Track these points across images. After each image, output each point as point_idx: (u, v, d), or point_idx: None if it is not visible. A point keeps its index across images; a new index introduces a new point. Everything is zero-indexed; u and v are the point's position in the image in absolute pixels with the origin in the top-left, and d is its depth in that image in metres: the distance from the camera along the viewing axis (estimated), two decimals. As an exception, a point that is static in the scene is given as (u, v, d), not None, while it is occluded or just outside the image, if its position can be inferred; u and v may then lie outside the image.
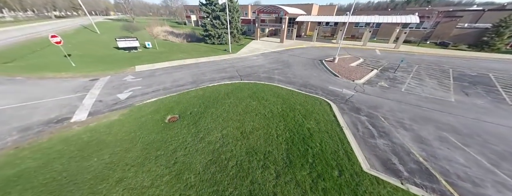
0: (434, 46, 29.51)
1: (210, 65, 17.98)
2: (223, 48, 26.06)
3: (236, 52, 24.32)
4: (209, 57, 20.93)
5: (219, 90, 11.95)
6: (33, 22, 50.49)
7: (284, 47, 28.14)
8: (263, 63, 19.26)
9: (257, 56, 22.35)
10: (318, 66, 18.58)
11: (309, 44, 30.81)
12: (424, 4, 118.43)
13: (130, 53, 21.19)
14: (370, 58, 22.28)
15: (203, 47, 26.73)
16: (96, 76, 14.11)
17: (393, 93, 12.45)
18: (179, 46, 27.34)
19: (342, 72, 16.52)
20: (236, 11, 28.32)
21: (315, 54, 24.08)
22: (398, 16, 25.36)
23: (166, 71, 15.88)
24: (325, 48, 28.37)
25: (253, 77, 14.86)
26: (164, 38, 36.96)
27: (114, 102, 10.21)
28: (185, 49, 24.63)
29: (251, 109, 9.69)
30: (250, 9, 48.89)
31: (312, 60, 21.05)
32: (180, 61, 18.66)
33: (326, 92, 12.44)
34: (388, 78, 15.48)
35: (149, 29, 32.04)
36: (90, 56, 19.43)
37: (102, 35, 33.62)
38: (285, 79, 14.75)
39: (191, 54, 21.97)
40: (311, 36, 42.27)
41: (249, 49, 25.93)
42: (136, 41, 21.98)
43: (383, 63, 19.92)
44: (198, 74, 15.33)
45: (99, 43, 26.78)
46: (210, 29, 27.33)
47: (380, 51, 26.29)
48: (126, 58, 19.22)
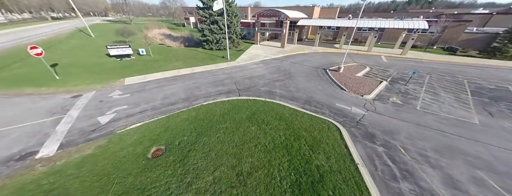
0: (441, 52, 28.15)
1: (207, 76, 16.64)
2: (221, 54, 24.72)
3: (235, 59, 22.98)
4: (205, 66, 19.58)
5: (214, 110, 10.62)
6: (28, 24, 49.16)
7: (285, 52, 26.80)
8: (263, 73, 17.92)
9: (257, 64, 21.00)
10: (322, 77, 17.23)
11: (311, 49, 29.46)
12: (425, 5, 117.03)
13: (122, 62, 19.84)
14: (376, 66, 20.93)
15: (201, 53, 25.39)
16: (80, 91, 12.78)
17: (408, 112, 11.12)
18: (175, 52, 25.99)
19: (349, 85, 15.19)
20: (235, 15, 26.95)
21: (318, 61, 22.73)
22: (405, 21, 23.99)
23: (158, 84, 14.53)
24: (328, 53, 27.02)
25: (253, 92, 13.52)
26: (161, 42, 35.66)
27: (93, 128, 8.87)
28: (181, 56, 23.28)
29: (249, 137, 8.36)
30: (250, 12, 47.53)
31: (315, 69, 19.70)
32: (175, 71, 17.31)
33: (333, 111, 11.11)
34: (399, 91, 14.14)
35: (146, 32, 30.79)
36: (78, 65, 18.08)
37: (97, 39, 32.27)
38: (287, 93, 13.42)
39: (187, 62, 20.62)
40: (313, 39, 40.96)
41: (248, 56, 24.59)
42: (128, 48, 20.63)
43: (392, 73, 18.58)
44: (192, 88, 13.98)
45: (91, 49, 25.43)
46: (208, 34, 25.98)
47: (386, 57, 24.93)
48: (117, 67, 17.88)
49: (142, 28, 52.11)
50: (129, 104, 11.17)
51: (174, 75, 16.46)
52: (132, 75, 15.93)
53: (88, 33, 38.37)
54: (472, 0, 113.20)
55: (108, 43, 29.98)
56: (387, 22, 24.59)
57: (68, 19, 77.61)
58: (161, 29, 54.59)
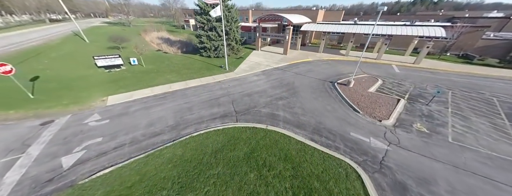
0: (456, 60, 26.00)
1: (201, 93, 14.78)
2: (219, 62, 22.86)
3: (234, 69, 21.10)
4: (201, 78, 17.71)
5: (206, 145, 8.74)
6: (24, 27, 47.74)
7: (288, 60, 24.86)
8: (264, 88, 16.02)
9: (258, 76, 19.10)
10: (330, 93, 15.28)
11: (315, 56, 27.47)
12: (430, 5, 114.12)
13: (111, 74, 18.05)
14: (389, 78, 18.90)
15: (198, 62, 23.54)
16: (53, 115, 11.00)
17: (440, 146, 9.15)
18: (170, 60, 24.17)
19: (362, 104, 13.23)
20: (235, 21, 25.06)
21: (325, 71, 20.75)
22: (419, 28, 21.89)
23: (145, 104, 12.69)
24: (334, 62, 25.00)
25: (252, 115, 11.62)
26: (158, 48, 33.93)
27: (51, 175, 7.04)
28: (176, 66, 21.44)
29: (247, 192, 6.48)
30: (251, 14, 45.59)
31: (322, 81, 17.74)
32: (166, 87, 15.47)
33: (349, 144, 9.18)
34: (422, 114, 12.15)
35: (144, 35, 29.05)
36: (60, 79, 16.32)
37: (90, 45, 30.56)
38: (293, 117, 11.50)
39: (181, 73, 18.77)
40: (316, 44, 38.96)
41: (248, 65, 22.69)
42: (118, 58, 18.85)
43: (408, 87, 16.56)
44: (183, 109, 12.12)
45: (81, 57, 23.70)
46: (206, 41, 24.13)
47: (397, 67, 22.87)
48: (103, 82, 16.08)
49: (140, 31, 50.56)
50: (105, 135, 9.33)
51: (165, 92, 14.61)
52: (117, 92, 14.10)
53: (83, 37, 36.84)
54: (479, 1, 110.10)
55: (102, 49, 28.31)
56: (399, 29, 22.51)
57: (67, 21, 76.33)
58: (159, 32, 52.97)
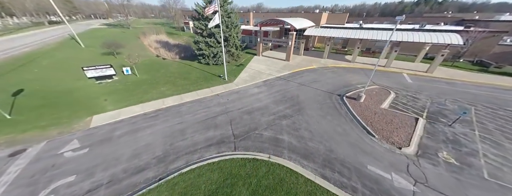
0: (471, 67, 24.27)
1: (197, 110, 13.34)
2: (218, 71, 21.43)
3: (234, 78, 19.65)
4: (198, 91, 16.27)
5: (198, 186, 7.28)
6: (21, 31, 46.68)
7: (291, 68, 23.34)
8: (266, 103, 14.54)
9: (259, 87, 17.62)
10: (340, 109, 13.76)
11: (319, 63, 25.90)
12: (435, 6, 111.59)
13: (101, 86, 16.70)
14: (401, 89, 17.31)
15: (195, 70, 22.11)
16: (28, 141, 9.63)
17: (476, 188, 7.60)
18: (167, 68, 22.77)
19: (377, 125, 11.71)
20: (235, 26, 23.58)
21: (331, 82, 19.21)
22: (433, 34, 20.22)
23: (133, 125, 11.29)
24: (340, 69, 23.41)
25: (253, 140, 10.16)
26: (156, 52, 32.62)
27: (2, 237, 5.71)
28: (172, 75, 20.00)
29: None
30: (252, 17, 44.07)
31: (329, 94, 16.22)
32: (159, 103, 14.06)
33: (367, 183, 7.68)
34: (446, 139, 10.60)
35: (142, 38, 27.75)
36: (46, 93, 14.98)
37: (85, 51, 29.29)
38: (299, 143, 10.02)
39: (176, 85, 17.36)
40: (320, 48, 37.39)
41: (249, 74, 21.21)
42: (110, 68, 17.48)
43: (424, 102, 14.98)
44: (175, 132, 10.70)
45: (73, 65, 22.39)
46: (204, 48, 22.68)
47: (409, 76, 21.23)
48: (91, 96, 14.71)
49: (139, 34, 49.28)
50: (80, 171, 7.93)
51: (157, 109, 13.19)
52: (104, 110, 12.71)
53: (81, 41, 35.69)
54: (485, 0, 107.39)
55: (97, 55, 26.95)
56: (411, 35, 20.87)
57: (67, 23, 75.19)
58: (158, 35, 51.71)
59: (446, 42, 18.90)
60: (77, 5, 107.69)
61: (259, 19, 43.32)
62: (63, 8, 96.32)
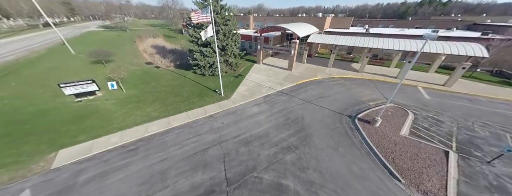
0: (490, 78, 22.08)
1: (185, 138, 11.30)
2: (214, 83, 19.40)
3: (231, 93, 17.61)
4: (189, 112, 14.22)
5: None
6: (12, 35, 44.75)
7: (294, 80, 21.25)
8: (267, 128, 12.48)
9: (259, 105, 15.57)
10: (353, 138, 11.68)
11: (324, 73, 23.79)
12: (439, 7, 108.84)
13: (80, 105, 14.71)
14: (420, 109, 15.19)
15: (189, 83, 20.06)
16: (-33, 192, 7.69)
17: None
18: (158, 80, 20.74)
19: (400, 162, 9.63)
20: (233, 34, 21.52)
21: (339, 97, 17.12)
22: (453, 45, 18.06)
23: (104, 165, 9.24)
24: (347, 81, 21.28)
25: (249, 189, 8.09)
26: (150, 59, 30.64)
27: None
28: (162, 90, 17.96)
29: None
30: (252, 20, 41.97)
31: (338, 116, 14.14)
32: (142, 129, 12.03)
33: None
34: (489, 184, 8.51)
35: (138, 42, 25.69)
36: (13, 116, 12.98)
37: (75, 58, 27.26)
38: (307, 192, 7.99)
39: (166, 103, 15.32)
40: (323, 54, 35.28)
41: (248, 87, 19.15)
42: (92, 84, 15.48)
43: (449, 126, 12.87)
44: (154, 177, 8.65)
45: (57, 76, 20.43)
46: (199, 58, 20.64)
47: (425, 89, 19.07)
48: (64, 121, 12.66)
49: (136, 38, 47.29)
50: None
51: (138, 139, 11.17)
52: (74, 141, 10.68)
53: (72, 47, 33.83)
54: (491, 1, 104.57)
55: (86, 64, 24.83)
56: (426, 45, 18.72)
57: (63, 25, 73.32)
58: (155, 39, 49.71)
59: (469, 54, 16.74)
60: (76, 6, 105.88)
61: (259, 23, 41.26)
62: (61, 10, 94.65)
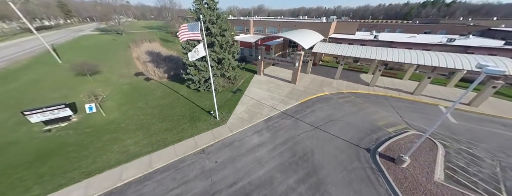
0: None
1: (168, 188, 8.97)
2: (210, 101, 17.12)
3: (228, 115, 15.30)
4: (177, 144, 11.91)
5: None
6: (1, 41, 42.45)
7: (299, 96, 18.88)
8: (269, 170, 10.15)
9: (260, 134, 13.22)
10: (377, 186, 9.34)
11: (331, 86, 21.40)
12: (442, 8, 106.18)
13: (47, 137, 12.41)
14: (448, 138, 12.85)
15: (181, 101, 17.72)
16: None
17: None
18: (147, 98, 18.40)
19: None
20: (230, 45, 19.16)
21: (352, 121, 14.75)
22: (479, 58, 15.75)
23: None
24: (358, 97, 18.84)
25: None
26: (142, 69, 28.35)
27: None
28: (150, 112, 15.61)
29: None
30: (252, 25, 39.56)
31: (355, 149, 11.80)
32: (115, 174, 9.70)
33: None
34: None
35: (133, 47, 23.33)
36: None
37: (60, 69, 24.90)
38: None
39: (150, 132, 12.98)
40: (328, 62, 32.91)
41: (247, 107, 16.81)
42: (65, 109, 13.20)
43: (489, 164, 10.55)
44: None
45: (35, 92, 18.18)
46: (194, 73, 18.32)
47: (447, 108, 16.76)
48: (20, 162, 10.31)
49: (131, 43, 44.92)
50: None
51: (108, 191, 8.85)
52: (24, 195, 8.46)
53: (61, 54, 31.63)
54: (497, 2, 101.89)
55: (71, 76, 22.34)
56: (450, 60, 16.32)
57: (58, 28, 70.76)
58: (151, 43, 47.36)
59: (503, 72, 14.37)
60: (73, 8, 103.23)
61: (260, 28, 38.84)
62: (56, 12, 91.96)
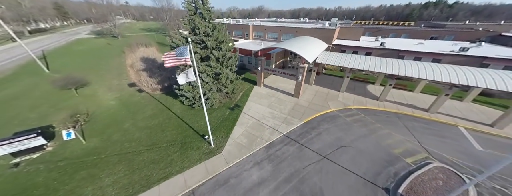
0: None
1: None
2: (205, 122, 15.38)
3: (225, 139, 13.52)
4: (163, 184, 10.05)
5: None
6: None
7: (302, 113, 17.07)
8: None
9: (260, 166, 11.43)
10: None
11: (337, 101, 19.60)
12: (444, 8, 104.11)
13: (12, 173, 10.63)
14: (477, 171, 11.11)
15: (173, 122, 15.92)
16: None
17: None
18: (135, 118, 16.57)
19: None
20: (228, 58, 17.31)
21: (364, 148, 12.95)
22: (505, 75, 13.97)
23: None
24: (367, 116, 16.99)
25: None
26: (135, 79, 26.49)
27: None
28: (135, 139, 13.68)
29: None
30: (252, 30, 37.70)
31: (371, 188, 10.04)
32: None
33: None
34: None
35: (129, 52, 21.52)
36: None
37: (45, 81, 23.08)
38: None
39: (133, 166, 11.14)
40: (331, 70, 31.15)
41: (246, 128, 15.01)
42: (37, 138, 11.44)
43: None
44: None
45: (12, 110, 16.40)
46: (187, 88, 16.54)
47: (469, 132, 14.94)
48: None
49: (126, 47, 43.03)
50: None
51: None
52: None
53: (51, 61, 30.02)
54: (499, 4, 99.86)
55: (57, 89, 20.54)
56: (471, 76, 14.46)
57: (54, 30, 68.62)
58: (148, 48, 45.48)
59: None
60: (71, 9, 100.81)
61: (260, 33, 37.01)
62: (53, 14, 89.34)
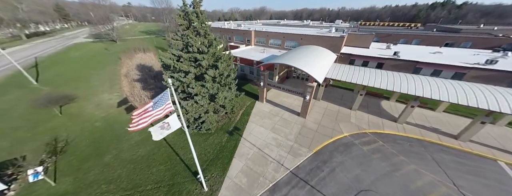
0: None
1: None
2: (199, 151, 13.19)
3: (221, 179, 11.30)
4: None
5: None
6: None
7: (310, 139, 14.74)
8: None
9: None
10: None
11: (350, 123, 17.18)
12: (452, 9, 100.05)
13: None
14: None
15: (162, 153, 13.59)
16: None
17: None
18: (119, 146, 14.21)
19: None
20: (226, 77, 15.02)
21: (390, 192, 10.68)
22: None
23: None
24: (387, 143, 14.56)
25: None
26: (128, 92, 24.34)
27: None
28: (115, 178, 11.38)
29: None
30: (254, 36, 35.34)
31: None
32: None
33: None
34: None
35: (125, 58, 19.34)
36: None
37: (28, 96, 21.05)
38: None
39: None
40: (340, 81, 28.62)
41: (246, 162, 12.74)
42: None
43: None
44: None
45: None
46: (182, 112, 14.33)
47: (510, 167, 12.53)
48: None
49: (122, 54, 41.03)
50: None
51: None
52: None
53: (42, 71, 28.21)
54: (509, 3, 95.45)
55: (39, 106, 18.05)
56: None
57: (53, 34, 67.05)
58: (146, 54, 43.44)
59: None
60: (72, 11, 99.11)
61: (262, 39, 34.63)
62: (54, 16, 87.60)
